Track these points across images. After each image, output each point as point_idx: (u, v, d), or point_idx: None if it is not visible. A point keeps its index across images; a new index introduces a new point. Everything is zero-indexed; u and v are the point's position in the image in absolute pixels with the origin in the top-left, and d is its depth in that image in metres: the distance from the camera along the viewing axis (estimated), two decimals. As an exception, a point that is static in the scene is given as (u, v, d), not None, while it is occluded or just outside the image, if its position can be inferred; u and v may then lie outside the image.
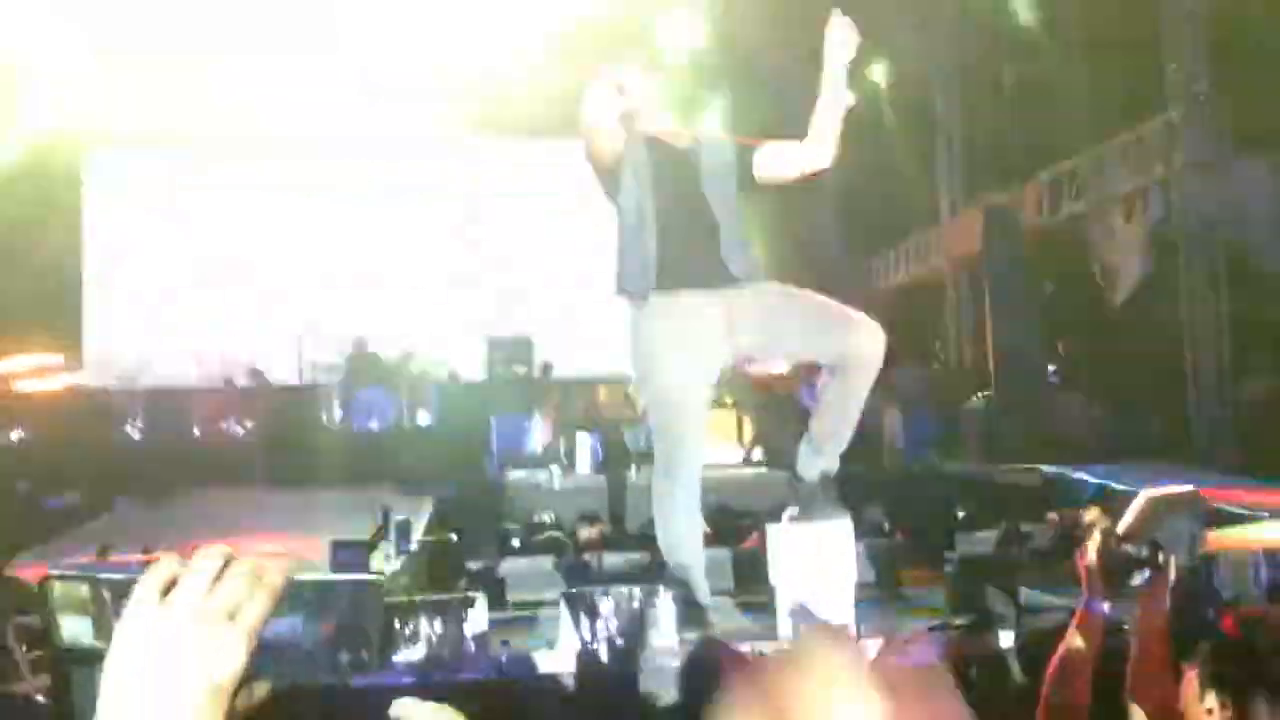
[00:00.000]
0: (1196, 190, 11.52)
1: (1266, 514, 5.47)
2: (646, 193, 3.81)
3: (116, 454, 10.72)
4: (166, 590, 0.83)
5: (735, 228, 3.91)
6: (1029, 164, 14.28)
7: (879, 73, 16.19)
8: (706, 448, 4.08)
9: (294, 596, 0.86)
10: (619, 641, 3.48)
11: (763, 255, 7.02)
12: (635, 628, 3.51)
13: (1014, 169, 14.45)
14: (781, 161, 3.94)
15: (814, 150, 3.86)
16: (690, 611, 3.71)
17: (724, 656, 2.81)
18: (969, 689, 3.11)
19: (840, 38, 3.67)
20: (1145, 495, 2.23)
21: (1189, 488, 2.33)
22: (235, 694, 0.83)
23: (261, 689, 0.87)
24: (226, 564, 0.84)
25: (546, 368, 13.10)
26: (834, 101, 3.77)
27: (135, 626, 0.83)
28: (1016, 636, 3.48)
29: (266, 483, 9.44)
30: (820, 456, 3.79)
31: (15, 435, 12.27)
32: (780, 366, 10.18)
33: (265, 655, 0.84)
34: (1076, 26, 12.17)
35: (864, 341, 3.72)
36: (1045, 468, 8.79)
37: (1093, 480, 8.04)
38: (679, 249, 3.81)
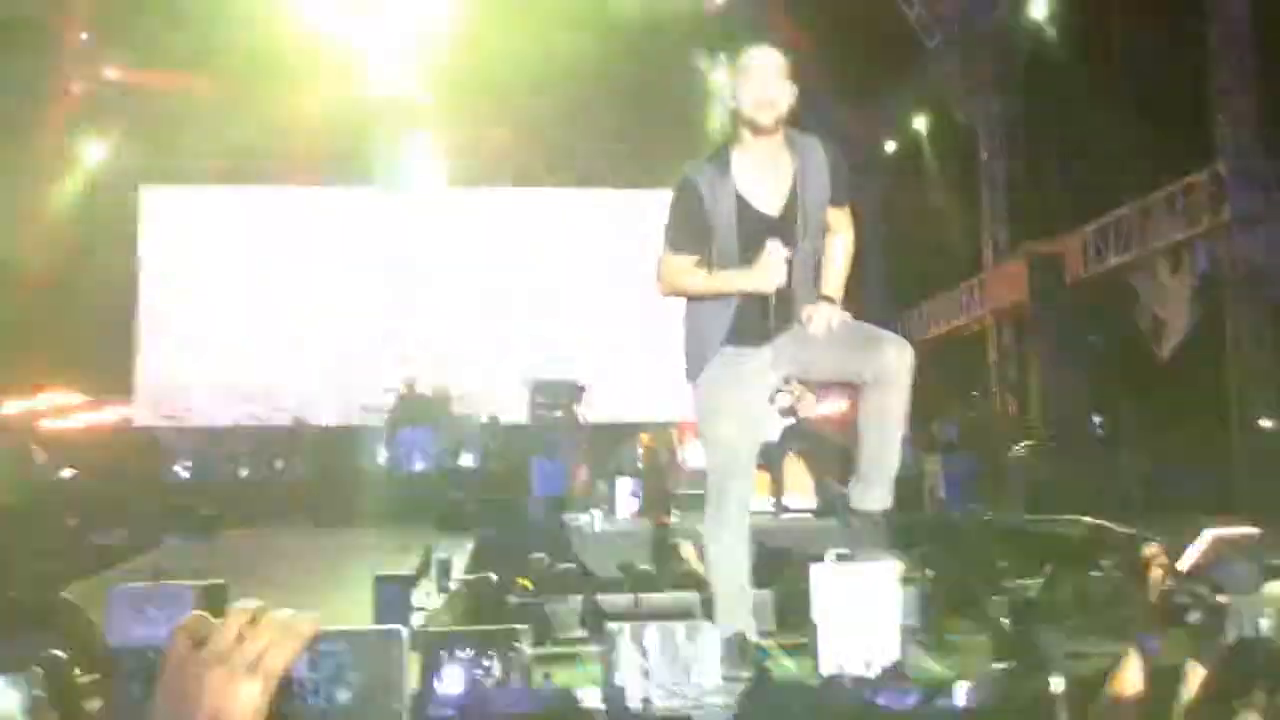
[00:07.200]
0: (1243, 242, 11.45)
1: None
2: (733, 259, 3.71)
3: (165, 491, 10.85)
4: (200, 642, 0.92)
5: (810, 263, 3.84)
6: (1075, 214, 14.23)
7: (921, 121, 16.24)
8: (754, 489, 4.10)
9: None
10: (664, 677, 3.49)
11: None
12: (681, 663, 3.52)
13: (1059, 218, 14.39)
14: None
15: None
16: (735, 647, 3.72)
17: None
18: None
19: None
20: (1210, 534, 2.24)
21: (1254, 530, 2.33)
22: None
23: None
24: (256, 617, 0.93)
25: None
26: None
27: (170, 669, 0.92)
28: (1065, 681, 3.45)
29: (312, 522, 9.53)
30: (870, 487, 3.78)
31: (67, 472, 12.46)
32: (814, 407, 10.05)
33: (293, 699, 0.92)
34: (1124, 77, 12.18)
35: (893, 356, 3.70)
36: (1089, 519, 8.69)
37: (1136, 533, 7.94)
38: (754, 312, 3.76)
